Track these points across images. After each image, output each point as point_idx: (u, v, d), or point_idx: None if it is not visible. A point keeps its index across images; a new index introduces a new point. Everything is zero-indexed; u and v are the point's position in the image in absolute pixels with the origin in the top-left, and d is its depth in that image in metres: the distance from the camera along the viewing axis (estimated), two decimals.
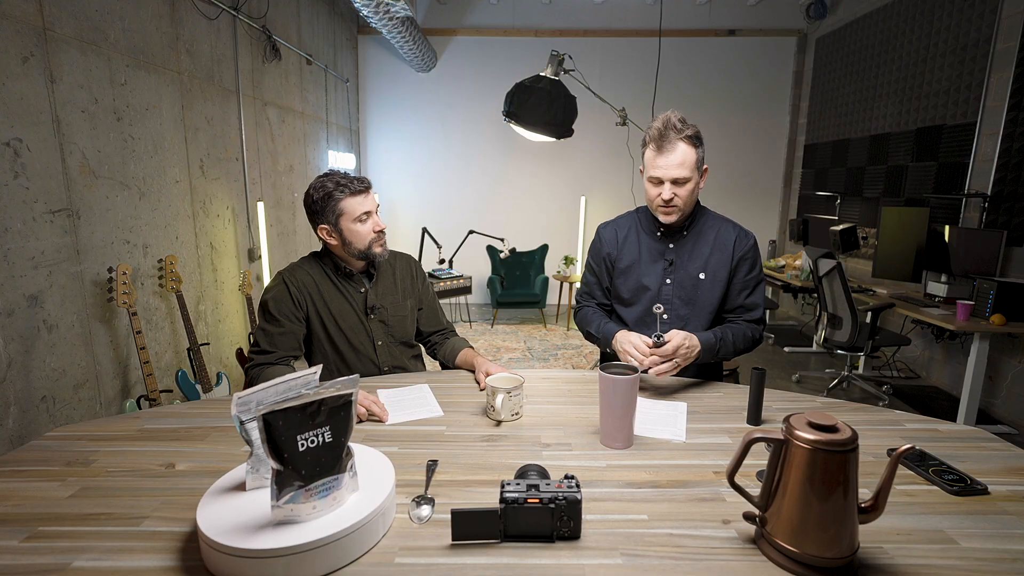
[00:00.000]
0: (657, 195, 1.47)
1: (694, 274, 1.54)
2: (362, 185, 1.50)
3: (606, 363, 1.12)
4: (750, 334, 1.52)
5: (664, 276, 1.56)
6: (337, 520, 0.75)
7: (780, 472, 0.75)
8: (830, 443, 0.71)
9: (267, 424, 0.75)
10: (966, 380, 2.87)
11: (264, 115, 3.58)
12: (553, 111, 2.52)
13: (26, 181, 1.84)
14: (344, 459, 0.81)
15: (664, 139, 1.42)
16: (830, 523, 0.71)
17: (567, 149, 5.72)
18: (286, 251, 3.99)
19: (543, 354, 4.36)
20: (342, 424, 0.81)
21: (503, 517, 0.79)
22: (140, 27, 2.38)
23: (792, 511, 0.73)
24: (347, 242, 1.50)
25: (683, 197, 1.46)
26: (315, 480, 0.77)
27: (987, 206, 3.28)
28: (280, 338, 1.47)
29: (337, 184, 1.47)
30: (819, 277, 3.41)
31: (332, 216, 1.48)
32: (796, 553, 0.73)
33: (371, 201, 1.52)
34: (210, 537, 0.72)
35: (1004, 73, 3.21)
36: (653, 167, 1.45)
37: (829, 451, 0.71)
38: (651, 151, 1.45)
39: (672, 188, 1.45)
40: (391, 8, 3.85)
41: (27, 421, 1.85)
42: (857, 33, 4.68)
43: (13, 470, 0.99)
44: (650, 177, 1.48)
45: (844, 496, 0.71)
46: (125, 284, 2.15)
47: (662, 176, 1.44)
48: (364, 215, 1.49)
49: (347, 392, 0.81)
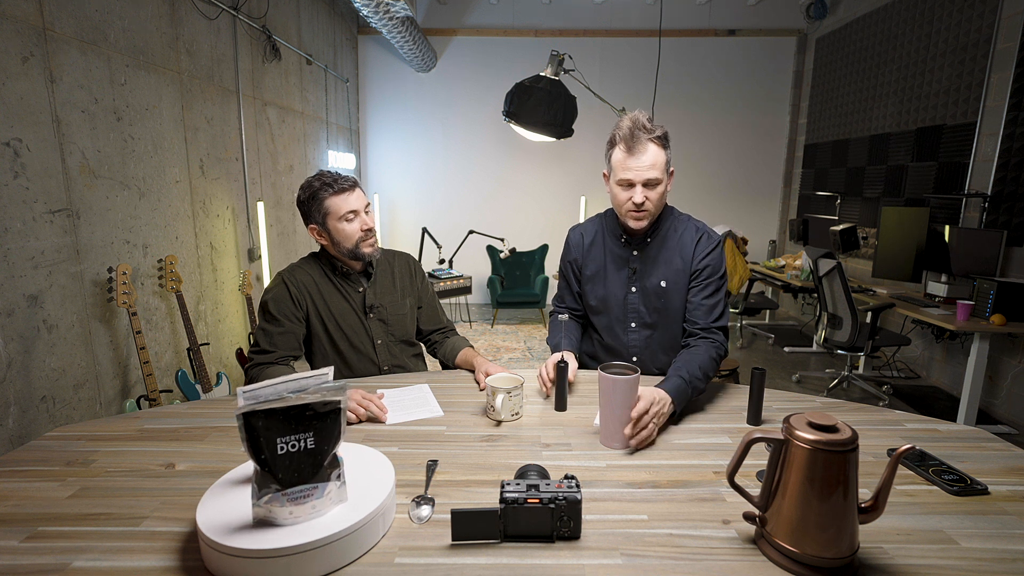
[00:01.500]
0: (627, 199, 1.39)
1: (656, 282, 1.48)
2: (347, 183, 1.49)
3: (606, 363, 1.12)
4: (714, 354, 1.36)
5: (629, 284, 1.51)
6: (337, 520, 0.75)
7: (780, 472, 0.75)
8: (830, 443, 0.71)
9: (247, 423, 0.74)
10: (966, 380, 2.87)
11: (264, 115, 3.58)
12: (553, 111, 2.52)
13: (26, 181, 1.83)
14: (327, 468, 0.78)
15: (634, 139, 1.35)
16: (830, 523, 0.71)
17: (567, 149, 5.72)
18: (286, 251, 3.99)
19: (543, 354, 4.36)
20: (328, 432, 0.78)
21: (503, 517, 0.79)
22: (140, 27, 2.38)
23: (792, 511, 0.73)
24: (335, 241, 1.50)
25: (654, 200, 1.39)
26: (293, 485, 0.75)
27: (987, 206, 3.28)
28: (280, 338, 1.47)
29: (323, 184, 1.47)
30: (819, 277, 3.41)
31: (319, 215, 1.48)
32: (796, 553, 0.73)
33: (357, 200, 1.50)
34: (210, 537, 0.72)
35: (1004, 73, 3.21)
36: (623, 169, 1.38)
37: (829, 451, 0.71)
38: (620, 152, 1.38)
39: (644, 191, 1.37)
40: (391, 8, 3.85)
41: (27, 421, 1.85)
42: (857, 33, 4.68)
43: (13, 470, 0.99)
44: (619, 180, 1.40)
45: (844, 496, 0.71)
46: (125, 284, 2.15)
47: (633, 179, 1.37)
48: (350, 214, 1.48)
49: (335, 399, 0.78)
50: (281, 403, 0.75)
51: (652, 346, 1.53)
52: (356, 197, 1.50)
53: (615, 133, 1.40)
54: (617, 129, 1.39)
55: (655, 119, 1.41)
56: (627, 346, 1.55)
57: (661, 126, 1.40)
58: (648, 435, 1.09)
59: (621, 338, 1.55)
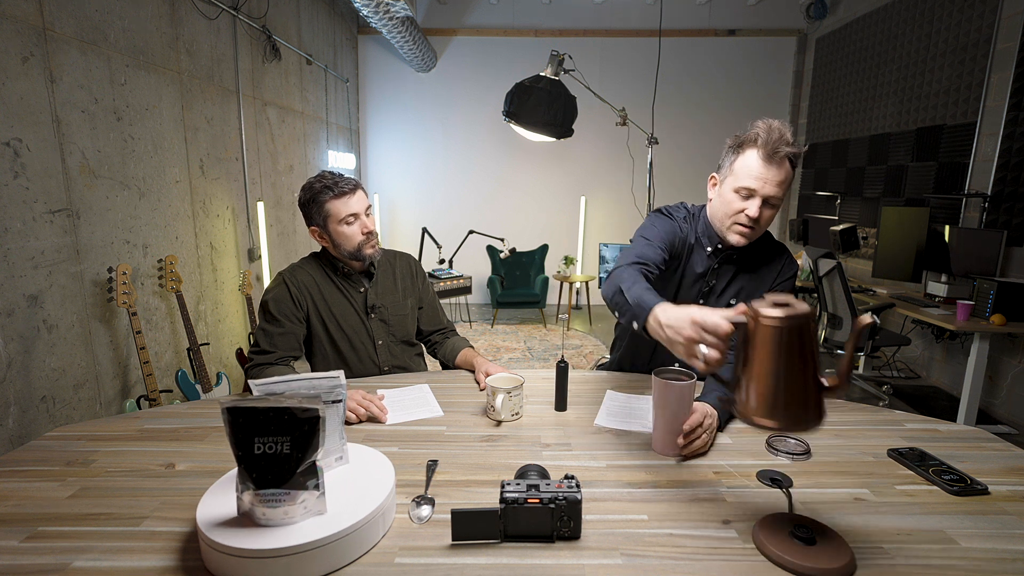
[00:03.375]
0: (741, 210, 1.25)
1: (726, 303, 1.38)
2: (348, 186, 1.46)
3: (660, 368, 1.07)
4: None
5: (697, 299, 1.40)
6: (337, 520, 0.75)
7: (748, 352, 0.76)
8: (790, 317, 0.73)
9: (230, 417, 0.74)
10: (966, 380, 2.87)
11: (264, 115, 3.58)
12: (553, 111, 2.52)
13: (26, 181, 1.83)
14: (300, 476, 0.75)
15: (775, 150, 1.20)
16: (800, 392, 0.73)
17: (567, 149, 5.72)
18: (286, 251, 3.99)
19: (543, 354, 4.36)
20: (304, 439, 0.76)
21: (503, 517, 0.79)
22: (140, 27, 2.38)
23: (762, 386, 0.74)
24: (336, 244, 1.50)
25: (766, 220, 1.26)
26: (264, 487, 0.74)
27: (987, 206, 3.28)
28: (280, 338, 1.47)
29: (324, 186, 1.45)
30: (819, 277, 3.41)
31: (319, 218, 1.48)
32: (773, 426, 0.74)
33: (358, 203, 1.48)
34: (210, 537, 0.72)
35: (1004, 73, 3.21)
36: (751, 177, 1.22)
37: (791, 326, 0.73)
38: (755, 157, 1.22)
39: (761, 207, 1.23)
40: (391, 8, 3.85)
41: (27, 421, 1.85)
42: (857, 33, 4.68)
43: (13, 470, 0.99)
44: (741, 187, 1.24)
45: (806, 365, 0.73)
46: (125, 284, 2.15)
47: (758, 189, 1.21)
48: (351, 217, 1.46)
49: (313, 407, 0.76)
50: (261, 403, 0.74)
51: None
52: (357, 200, 1.48)
53: (752, 135, 1.23)
54: (755, 131, 1.23)
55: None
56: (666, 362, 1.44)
57: (800, 143, 1.27)
58: (701, 446, 1.07)
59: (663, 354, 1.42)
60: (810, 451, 1.07)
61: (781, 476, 0.98)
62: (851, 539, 0.79)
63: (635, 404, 1.31)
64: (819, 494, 0.93)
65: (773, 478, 0.97)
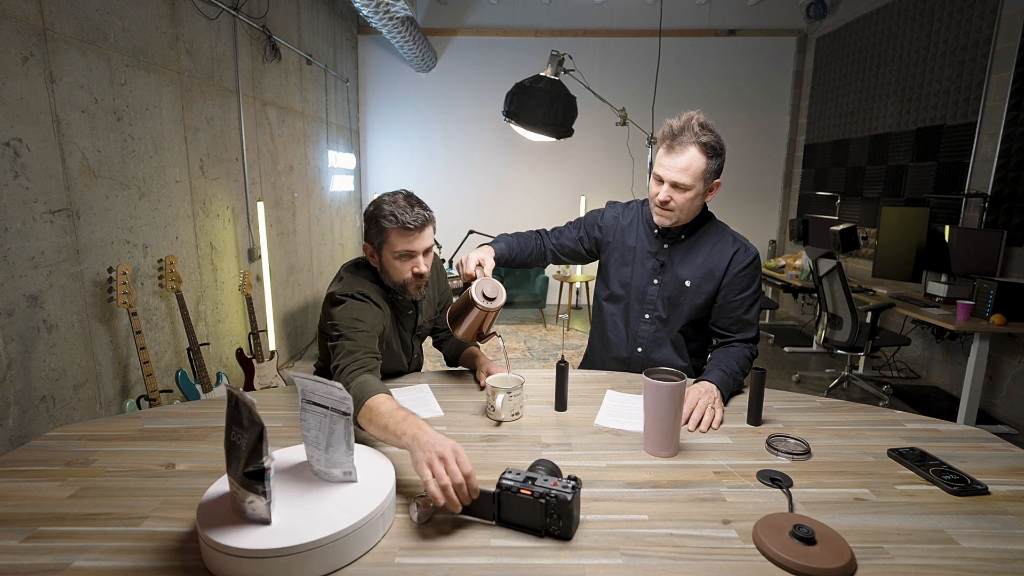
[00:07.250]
0: (656, 194, 1.41)
1: (681, 280, 1.49)
2: (414, 223, 1.30)
3: (650, 368, 1.08)
4: (748, 353, 1.46)
5: (652, 276, 1.53)
6: (337, 520, 0.75)
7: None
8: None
9: (230, 399, 0.77)
10: (966, 380, 2.87)
11: (264, 115, 3.58)
12: (553, 111, 2.52)
13: (26, 181, 1.83)
14: (248, 477, 0.74)
15: (676, 139, 1.35)
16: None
17: (567, 149, 5.72)
18: (286, 251, 3.99)
19: (543, 354, 4.36)
20: (253, 442, 0.74)
21: (497, 501, 0.83)
22: (140, 27, 2.38)
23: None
24: (384, 270, 1.39)
25: (679, 204, 1.39)
26: (231, 473, 0.78)
27: (987, 206, 3.28)
28: (364, 337, 1.27)
29: (391, 212, 1.30)
30: (819, 277, 3.41)
31: (376, 239, 1.36)
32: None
33: (420, 241, 1.33)
34: (210, 537, 0.72)
35: (1004, 73, 3.21)
36: (658, 164, 1.40)
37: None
38: (662, 148, 1.39)
39: (669, 191, 1.38)
40: (391, 8, 3.85)
41: (27, 421, 1.85)
42: (857, 33, 4.68)
43: (13, 470, 0.99)
44: (654, 175, 1.43)
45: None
46: (125, 284, 2.15)
47: (663, 176, 1.38)
48: (405, 253, 1.33)
49: (258, 423, 0.73)
50: (243, 396, 0.74)
51: (657, 340, 1.55)
52: (420, 240, 1.33)
53: (664, 126, 1.39)
54: (669, 123, 1.38)
55: (655, 119, 1.41)
56: (635, 336, 1.56)
57: (713, 133, 1.36)
58: (707, 419, 1.18)
59: (632, 327, 1.55)
60: (810, 451, 1.07)
61: (781, 476, 0.98)
62: (851, 539, 0.79)
63: (635, 404, 1.31)
64: (819, 494, 0.93)
65: (773, 478, 0.97)
